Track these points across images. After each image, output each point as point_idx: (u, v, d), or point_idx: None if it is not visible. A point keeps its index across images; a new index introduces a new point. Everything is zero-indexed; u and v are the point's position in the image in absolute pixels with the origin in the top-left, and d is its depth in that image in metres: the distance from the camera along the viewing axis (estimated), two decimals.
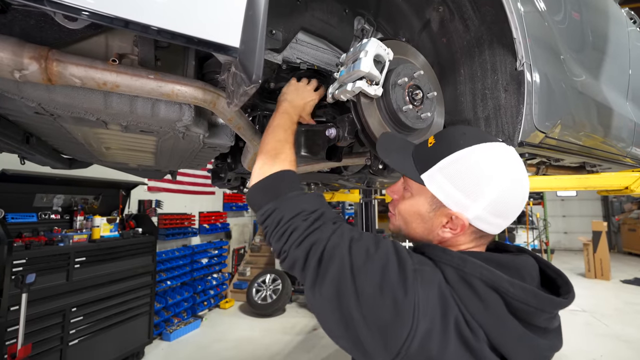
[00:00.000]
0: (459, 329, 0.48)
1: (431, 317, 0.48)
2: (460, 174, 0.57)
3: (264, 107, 1.13)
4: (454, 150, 0.58)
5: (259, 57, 0.48)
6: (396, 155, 0.66)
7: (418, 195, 0.63)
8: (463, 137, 0.60)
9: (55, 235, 2.96)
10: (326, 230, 0.58)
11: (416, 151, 0.66)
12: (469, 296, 0.51)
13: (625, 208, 10.29)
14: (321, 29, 0.95)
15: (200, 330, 4.52)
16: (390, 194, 0.72)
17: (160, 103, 0.75)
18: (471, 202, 0.56)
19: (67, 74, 0.54)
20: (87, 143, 1.18)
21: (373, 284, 0.50)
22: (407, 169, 0.63)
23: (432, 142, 0.63)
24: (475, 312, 0.50)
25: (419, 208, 0.63)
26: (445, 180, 0.58)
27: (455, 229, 0.59)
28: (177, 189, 5.19)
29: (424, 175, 0.60)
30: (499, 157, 0.57)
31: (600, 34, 1.57)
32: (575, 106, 1.24)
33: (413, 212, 0.64)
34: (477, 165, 0.56)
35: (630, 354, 3.57)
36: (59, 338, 2.75)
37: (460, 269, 0.53)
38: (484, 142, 0.58)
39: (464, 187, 0.56)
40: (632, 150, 1.63)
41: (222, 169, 1.83)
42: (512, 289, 0.50)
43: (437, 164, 0.59)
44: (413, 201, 0.64)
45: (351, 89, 0.72)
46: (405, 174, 0.64)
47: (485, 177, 0.56)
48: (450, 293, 0.51)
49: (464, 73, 1.11)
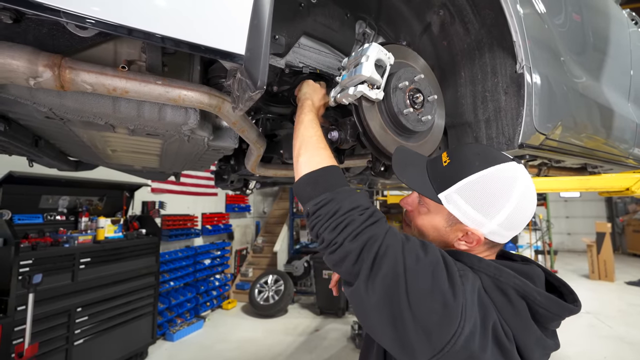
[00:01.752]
0: (496, 333, 0.53)
1: (474, 320, 0.52)
2: (477, 195, 0.61)
3: (267, 110, 1.15)
4: (470, 172, 0.62)
5: (263, 64, 0.50)
6: (412, 173, 0.69)
7: (435, 212, 0.67)
8: (478, 158, 0.64)
9: (61, 236, 3.00)
10: (381, 228, 0.58)
11: (431, 168, 0.69)
12: (503, 302, 0.56)
13: (630, 209, 10.22)
14: (323, 34, 0.97)
15: (203, 330, 4.54)
16: (405, 205, 0.75)
17: (167, 107, 0.77)
18: (487, 220, 0.61)
19: (79, 81, 0.56)
20: (94, 146, 1.20)
21: (424, 286, 0.52)
22: (425, 188, 0.66)
23: (447, 160, 0.67)
24: (508, 318, 0.55)
25: (436, 223, 0.67)
26: (463, 200, 0.62)
27: (470, 242, 0.64)
28: (180, 190, 5.22)
29: (441, 195, 0.64)
30: (512, 178, 0.62)
31: (601, 35, 1.58)
32: (577, 108, 1.24)
33: (430, 227, 0.69)
34: (492, 187, 0.61)
35: (633, 356, 3.55)
36: (65, 338, 2.78)
37: (497, 277, 0.58)
38: (497, 164, 0.62)
39: (481, 207, 0.61)
40: (634, 151, 1.64)
41: (225, 170, 1.85)
42: (540, 298, 0.56)
43: (454, 185, 0.63)
44: (430, 217, 0.68)
45: (353, 93, 0.73)
46: (422, 193, 0.66)
47: (500, 198, 0.60)
48: (488, 299, 0.56)
49: (464, 76, 1.13)
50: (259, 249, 6.63)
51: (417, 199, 0.73)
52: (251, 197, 7.34)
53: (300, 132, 0.75)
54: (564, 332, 4.62)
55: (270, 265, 6.25)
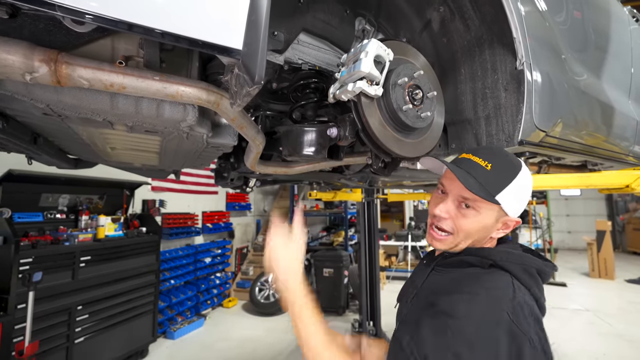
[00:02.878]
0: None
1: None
2: (522, 191, 0.75)
3: (266, 107, 1.14)
4: (515, 174, 0.74)
5: (261, 58, 0.49)
6: (469, 181, 0.72)
7: (486, 212, 0.74)
8: (512, 159, 0.77)
9: (61, 234, 3.00)
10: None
11: (476, 174, 0.74)
12: (532, 282, 0.69)
13: (630, 207, 10.20)
14: (322, 30, 0.96)
15: (204, 328, 4.55)
16: (443, 214, 0.77)
17: (165, 104, 0.77)
18: (522, 206, 0.76)
19: (75, 76, 0.55)
20: (92, 143, 1.20)
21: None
22: (484, 193, 0.72)
23: (489, 165, 0.74)
24: (536, 292, 0.68)
25: (487, 222, 0.75)
26: (513, 198, 0.73)
27: (508, 228, 0.77)
28: (181, 188, 5.22)
29: (499, 196, 0.72)
30: (529, 173, 0.77)
31: (602, 33, 1.57)
32: (577, 105, 1.24)
33: (480, 226, 0.75)
34: (528, 183, 0.76)
35: (633, 354, 3.55)
36: (65, 336, 2.79)
37: (523, 263, 0.70)
38: (523, 163, 0.77)
39: (523, 199, 0.75)
40: (634, 148, 1.63)
41: (225, 168, 1.85)
42: (546, 269, 0.72)
43: (508, 187, 0.72)
44: (480, 218, 0.75)
45: (352, 89, 0.73)
46: (484, 197, 0.71)
47: (529, 190, 0.77)
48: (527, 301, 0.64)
49: (464, 72, 1.12)
50: (259, 247, 6.64)
51: (454, 204, 0.77)
52: (252, 195, 7.34)
53: (304, 339, 0.72)
54: (564, 329, 4.63)
55: None
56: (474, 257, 0.74)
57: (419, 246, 7.66)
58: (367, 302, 4.08)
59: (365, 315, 4.05)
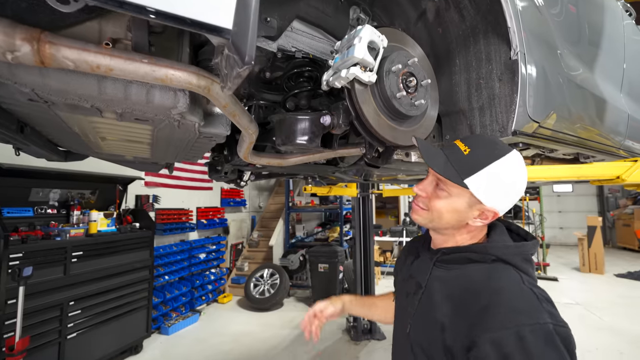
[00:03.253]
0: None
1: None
2: (500, 180, 0.71)
3: (259, 97, 1.13)
4: (493, 159, 0.71)
5: (251, 38, 0.48)
6: (437, 161, 0.75)
7: (457, 196, 0.74)
8: (496, 146, 0.74)
9: (52, 229, 2.96)
10: None
11: (450, 156, 0.75)
12: (529, 267, 0.72)
13: (621, 204, 10.37)
14: (316, 18, 0.95)
15: (199, 324, 4.54)
16: (419, 191, 0.80)
17: (155, 89, 0.75)
18: (505, 200, 0.73)
19: (59, 56, 0.53)
20: (82, 133, 1.18)
21: None
22: (451, 175, 0.72)
23: (467, 150, 0.74)
24: (533, 273, 0.72)
25: (457, 206, 0.75)
26: (488, 184, 0.71)
27: (486, 219, 0.75)
28: (175, 184, 5.18)
29: (467, 180, 0.71)
30: (520, 162, 0.74)
31: (596, 27, 1.58)
32: (571, 98, 1.24)
33: (450, 208, 0.75)
34: (511, 171, 0.72)
35: (623, 346, 3.62)
36: (57, 331, 2.76)
37: (521, 253, 0.72)
38: (509, 152, 0.73)
39: (502, 189, 0.72)
40: (625, 142, 1.65)
41: (218, 161, 1.83)
42: (533, 248, 0.75)
43: (480, 171, 0.71)
44: (450, 200, 0.75)
45: (345, 76, 0.72)
46: (450, 179, 0.72)
47: (515, 180, 0.72)
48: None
49: (459, 63, 1.12)
50: (254, 243, 6.63)
51: (431, 184, 0.79)
52: (247, 191, 7.31)
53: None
54: None
55: (266, 259, 6.25)
56: (475, 254, 0.74)
57: None
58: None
59: None
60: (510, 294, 0.66)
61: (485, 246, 0.75)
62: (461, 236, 0.79)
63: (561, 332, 0.61)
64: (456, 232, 0.79)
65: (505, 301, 0.65)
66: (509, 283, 0.68)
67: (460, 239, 0.80)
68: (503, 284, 0.68)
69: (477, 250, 0.75)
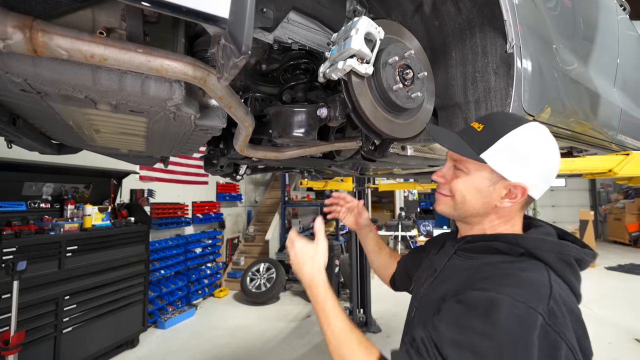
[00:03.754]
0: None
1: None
2: (518, 149, 0.65)
3: (255, 89, 1.12)
4: (508, 130, 0.66)
5: (248, 27, 0.48)
6: (450, 139, 0.71)
7: (476, 173, 0.69)
8: (509, 118, 0.70)
9: (46, 224, 2.93)
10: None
11: (465, 135, 0.71)
12: (568, 271, 0.61)
13: (612, 198, 10.54)
14: (313, 9, 0.94)
15: (195, 318, 4.56)
16: (438, 178, 0.76)
17: (150, 80, 0.74)
18: (528, 171, 0.66)
19: (52, 45, 0.53)
20: (76, 125, 1.16)
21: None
22: (466, 150, 0.68)
23: (480, 126, 0.70)
24: (572, 283, 0.61)
25: (478, 184, 0.69)
26: (505, 156, 0.65)
27: (514, 197, 0.67)
28: (170, 178, 5.14)
29: (484, 154, 0.66)
30: (541, 132, 0.68)
31: (591, 21, 1.59)
32: (565, 92, 1.25)
33: (472, 188, 0.70)
34: (529, 140, 0.66)
35: (612, 337, 3.72)
36: (53, 326, 2.75)
37: (560, 252, 0.62)
38: (526, 123, 0.67)
39: (522, 159, 0.65)
40: (617, 136, 1.67)
41: (214, 155, 1.82)
42: (586, 257, 0.63)
43: (495, 143, 0.66)
44: (471, 179, 0.70)
45: (342, 67, 0.72)
46: (465, 154, 0.68)
47: (537, 149, 0.66)
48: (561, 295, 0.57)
49: (455, 56, 1.12)
50: (250, 237, 6.63)
51: (450, 169, 0.74)
52: (242, 186, 7.29)
53: (330, 325, 0.70)
54: None
55: (262, 253, 6.27)
56: (503, 244, 0.66)
57: (409, 236, 7.77)
58: (357, 291, 4.14)
59: (356, 303, 4.12)
60: (520, 278, 0.58)
61: (516, 236, 0.66)
62: (490, 223, 0.71)
63: (551, 335, 0.51)
64: (484, 218, 0.71)
65: (511, 279, 0.58)
66: (529, 274, 0.59)
67: (489, 226, 0.71)
68: (518, 283, 0.57)
69: (505, 239, 0.66)
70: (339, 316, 0.71)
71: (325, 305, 0.73)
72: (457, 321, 0.57)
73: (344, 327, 0.69)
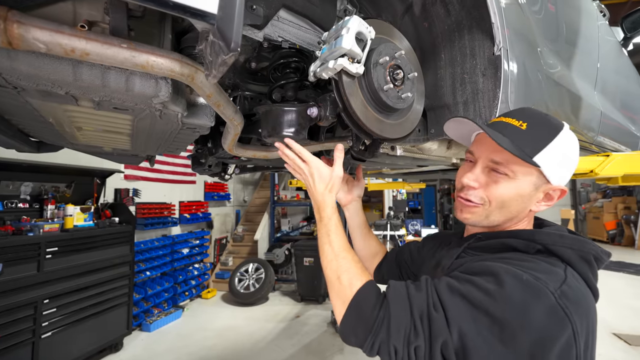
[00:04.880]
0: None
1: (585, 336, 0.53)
2: (565, 153, 0.65)
3: (245, 88, 1.10)
4: (556, 133, 0.64)
5: (237, 23, 0.47)
6: (504, 140, 0.64)
7: (522, 177, 0.65)
8: (549, 119, 0.68)
9: (24, 224, 2.82)
10: (441, 324, 0.53)
11: (509, 134, 0.65)
12: (587, 269, 0.59)
13: (591, 197, 10.93)
14: (303, 7, 0.93)
15: (182, 320, 4.48)
16: (472, 182, 0.69)
17: (135, 77, 0.72)
18: (568, 175, 0.66)
19: (30, 38, 0.50)
20: (56, 123, 1.12)
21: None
22: (520, 152, 0.62)
23: (524, 125, 0.65)
24: (590, 281, 0.59)
25: (524, 189, 0.65)
26: (555, 159, 0.63)
27: (551, 200, 0.67)
28: (156, 177, 5.03)
29: (537, 157, 0.63)
30: (573, 135, 0.68)
31: (574, 27, 1.63)
32: (549, 94, 1.29)
33: (514, 194, 0.65)
34: (571, 144, 0.66)
35: None
36: (31, 331, 2.65)
37: (580, 249, 0.60)
38: (564, 125, 0.67)
39: (566, 164, 0.65)
40: (597, 137, 1.73)
41: (202, 154, 1.78)
42: (604, 256, 0.62)
43: (547, 147, 0.63)
44: (515, 183, 0.65)
45: (333, 66, 0.71)
46: (519, 157, 0.61)
47: (575, 153, 0.66)
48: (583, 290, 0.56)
49: (444, 57, 1.13)
50: (239, 237, 6.56)
51: (484, 171, 0.68)
52: (231, 185, 7.21)
53: (330, 243, 0.72)
54: None
55: (250, 253, 6.21)
56: (518, 240, 0.63)
57: (398, 235, 7.85)
58: None
59: None
60: (535, 264, 0.56)
61: (532, 231, 0.64)
62: (507, 224, 0.69)
63: (559, 314, 0.49)
64: (510, 224, 0.68)
65: (524, 264, 0.57)
66: (545, 265, 0.57)
67: (505, 227, 0.69)
68: (531, 267, 0.56)
69: (520, 235, 0.63)
70: (340, 235, 0.73)
71: (329, 222, 0.75)
72: (459, 276, 0.58)
73: (343, 245, 0.71)
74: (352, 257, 0.69)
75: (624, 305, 4.68)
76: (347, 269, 0.66)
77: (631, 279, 6.10)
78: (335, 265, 0.67)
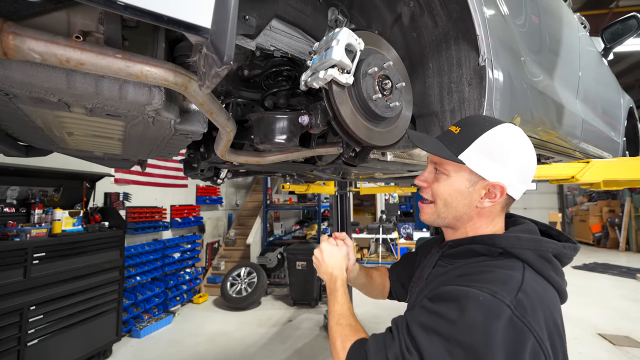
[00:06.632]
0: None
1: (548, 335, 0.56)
2: (494, 149, 0.67)
3: (237, 95, 1.12)
4: (484, 131, 0.68)
5: (230, 37, 0.49)
6: (429, 142, 0.73)
7: (455, 175, 0.71)
8: (485, 120, 0.72)
9: (10, 229, 2.76)
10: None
11: (444, 139, 0.73)
12: (548, 268, 0.63)
13: (578, 201, 11.20)
14: (295, 17, 0.96)
15: (173, 325, 4.42)
16: (421, 183, 0.78)
17: (129, 85, 0.73)
18: (506, 170, 0.67)
19: (25, 48, 0.51)
20: (46, 128, 1.11)
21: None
22: (445, 153, 0.70)
23: (457, 129, 0.72)
24: (554, 281, 0.62)
25: (459, 186, 0.71)
26: (483, 156, 0.67)
27: (494, 197, 0.69)
28: (147, 181, 4.98)
29: (461, 155, 0.68)
30: (516, 133, 0.70)
31: (556, 37, 1.70)
32: (533, 102, 1.34)
33: (453, 191, 0.72)
34: (505, 140, 0.68)
35: (577, 332, 3.93)
36: (16, 338, 2.59)
37: (538, 249, 0.63)
38: (502, 123, 0.70)
39: (498, 158, 0.67)
40: (580, 144, 1.79)
41: (194, 158, 1.79)
42: (566, 251, 0.65)
43: (472, 144, 0.68)
44: (451, 181, 0.72)
45: (323, 77, 0.73)
46: (444, 157, 0.70)
47: (512, 149, 0.68)
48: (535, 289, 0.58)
49: (432, 67, 1.17)
50: (231, 241, 6.52)
51: (431, 173, 0.76)
52: (223, 189, 7.17)
53: (336, 310, 0.80)
54: None
55: (243, 258, 6.17)
56: (481, 246, 0.67)
57: (390, 238, 7.91)
58: None
59: None
60: (492, 274, 0.59)
61: (492, 236, 0.67)
62: (472, 226, 0.72)
63: (517, 326, 0.52)
64: (467, 221, 0.72)
65: (483, 275, 0.60)
66: (503, 271, 0.60)
67: (472, 229, 0.73)
68: (487, 278, 0.59)
69: (481, 240, 0.67)
70: (340, 303, 0.81)
71: (336, 292, 0.84)
72: (427, 308, 0.61)
73: (342, 312, 0.78)
74: (347, 322, 0.76)
75: (608, 306, 4.80)
76: (341, 334, 0.73)
77: (616, 280, 6.26)
78: (334, 331, 0.75)
